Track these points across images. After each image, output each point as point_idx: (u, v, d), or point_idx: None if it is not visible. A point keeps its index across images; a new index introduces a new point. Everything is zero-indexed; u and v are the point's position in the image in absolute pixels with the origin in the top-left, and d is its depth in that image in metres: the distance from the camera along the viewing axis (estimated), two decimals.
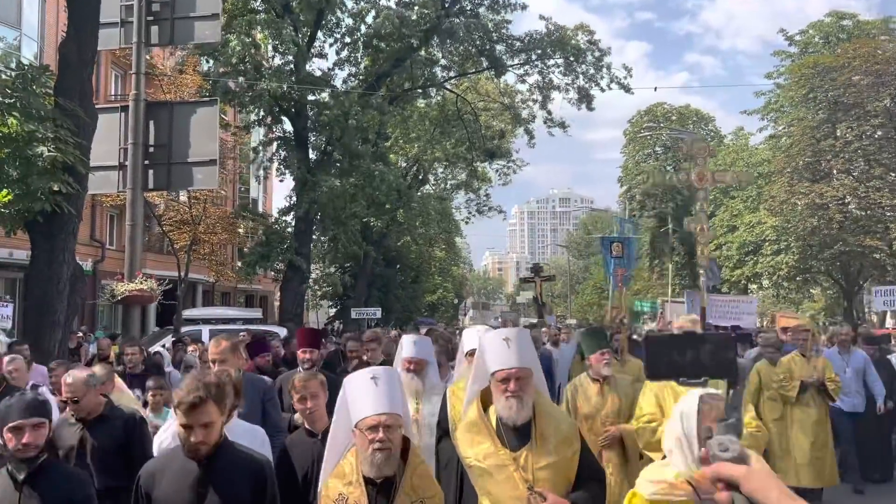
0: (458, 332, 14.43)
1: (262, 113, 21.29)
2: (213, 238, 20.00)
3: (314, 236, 29.09)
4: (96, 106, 10.75)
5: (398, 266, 39.70)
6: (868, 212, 25.70)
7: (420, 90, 24.01)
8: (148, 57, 15.25)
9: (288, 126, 22.23)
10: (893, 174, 25.36)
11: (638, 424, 4.53)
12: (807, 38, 33.07)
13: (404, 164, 32.89)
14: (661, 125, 42.09)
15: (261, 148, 22.56)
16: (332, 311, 37.36)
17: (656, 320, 20.76)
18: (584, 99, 23.67)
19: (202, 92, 18.86)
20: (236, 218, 22.34)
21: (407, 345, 4.91)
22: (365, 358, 7.37)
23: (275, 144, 22.03)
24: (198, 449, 2.85)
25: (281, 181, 22.63)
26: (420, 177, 34.06)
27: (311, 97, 21.24)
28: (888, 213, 25.60)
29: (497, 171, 31.88)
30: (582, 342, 5.65)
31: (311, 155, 21.96)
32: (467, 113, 26.97)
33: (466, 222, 35.83)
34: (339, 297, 33.85)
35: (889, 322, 29.60)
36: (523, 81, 25.05)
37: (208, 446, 2.87)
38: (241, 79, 19.33)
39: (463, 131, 27.46)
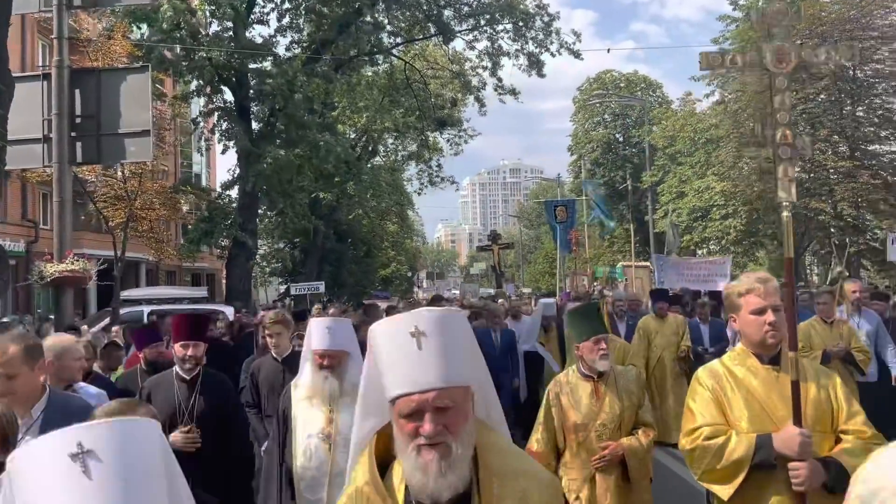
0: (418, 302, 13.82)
1: (200, 82, 20.36)
2: (151, 214, 19.05)
3: (261, 211, 28.29)
4: (18, 75, 9.96)
5: (350, 240, 39.13)
6: (813, 174, 26.07)
7: (366, 57, 23.27)
8: (72, 22, 14.31)
9: (229, 96, 21.34)
10: (837, 136, 25.72)
11: (694, 443, 2.87)
12: (751, 1, 33.18)
13: (353, 135, 32.15)
14: (610, 92, 42.08)
15: (200, 119, 21.61)
16: (283, 288, 36.63)
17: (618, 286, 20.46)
18: (535, 65, 23.31)
19: (134, 61, 17.87)
20: (176, 193, 21.38)
21: (317, 332, 3.68)
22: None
23: (215, 115, 21.09)
24: None
25: (223, 153, 21.77)
26: (370, 148, 33.38)
27: (252, 65, 20.39)
28: (832, 176, 26.02)
29: (448, 140, 31.42)
30: (569, 326, 4.47)
31: (255, 126, 21.16)
32: (416, 81, 26.36)
33: (419, 193, 35.34)
34: (289, 274, 33.15)
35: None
36: (472, 48, 24.55)
37: None
38: (177, 47, 18.37)
39: (412, 100, 26.85)
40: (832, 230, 26.42)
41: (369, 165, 31.94)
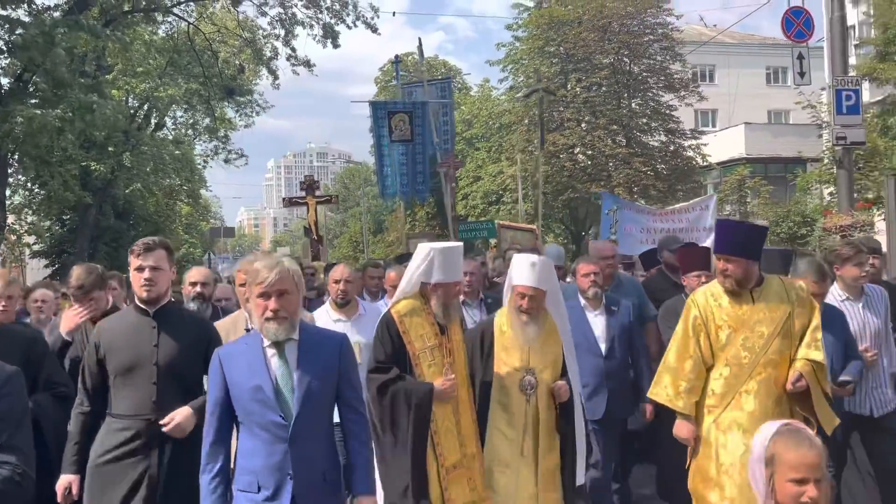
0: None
1: None
2: None
3: (20, 179, 25.04)
4: None
5: (132, 220, 36.01)
6: (594, 161, 27.73)
7: (142, 13, 21.09)
8: None
9: None
10: (616, 126, 27.51)
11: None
12: None
13: (136, 103, 29.30)
14: (412, 74, 42.17)
15: None
16: (50, 271, 32.87)
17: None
18: (329, 35, 22.51)
19: None
20: None
21: None
22: None
23: None
24: None
25: None
26: (156, 120, 30.67)
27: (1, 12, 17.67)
28: (610, 163, 27.82)
29: (237, 111, 29.63)
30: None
31: (4, 81, 18.43)
32: (203, 47, 24.46)
33: (203, 167, 33.19)
34: (56, 255, 29.70)
35: None
36: (263, 14, 23.20)
37: None
38: None
39: (199, 68, 24.90)
40: None
41: (152, 137, 29.32)
